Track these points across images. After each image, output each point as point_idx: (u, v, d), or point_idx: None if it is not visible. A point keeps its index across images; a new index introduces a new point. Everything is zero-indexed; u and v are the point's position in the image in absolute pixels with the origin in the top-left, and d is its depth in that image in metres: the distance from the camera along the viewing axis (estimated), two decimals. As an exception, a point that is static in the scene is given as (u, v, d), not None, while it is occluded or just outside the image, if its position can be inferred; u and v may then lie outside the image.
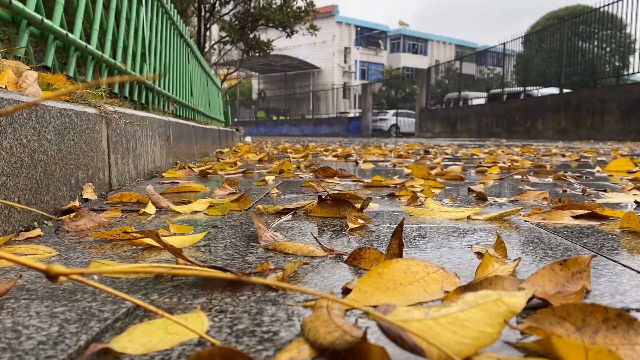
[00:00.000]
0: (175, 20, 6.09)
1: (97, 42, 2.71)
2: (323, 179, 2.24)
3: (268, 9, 16.68)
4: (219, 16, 17.23)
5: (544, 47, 17.34)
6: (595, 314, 0.48)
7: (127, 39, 3.68)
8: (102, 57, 2.72)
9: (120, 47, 3.30)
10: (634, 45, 13.18)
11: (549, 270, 0.67)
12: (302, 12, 17.09)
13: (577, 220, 1.22)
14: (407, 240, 0.99)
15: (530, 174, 2.57)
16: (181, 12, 15.86)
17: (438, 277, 0.69)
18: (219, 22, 17.05)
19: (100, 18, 2.80)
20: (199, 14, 16.02)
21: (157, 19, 4.96)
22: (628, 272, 0.75)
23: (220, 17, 17.27)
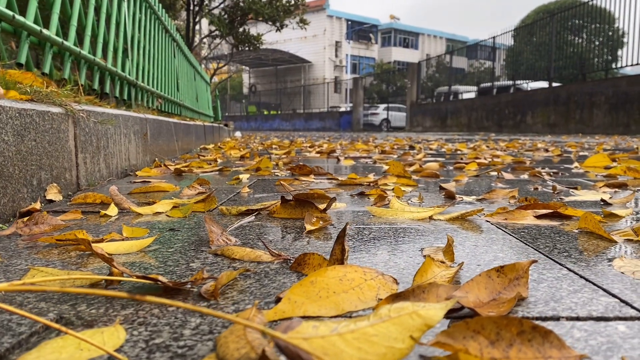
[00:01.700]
0: (160, 14, 6.04)
1: (74, 38, 2.68)
2: (299, 177, 2.22)
3: (257, 3, 16.58)
4: (207, 10, 17.12)
5: (534, 40, 17.38)
6: (510, 327, 0.47)
7: (107, 34, 3.64)
8: (79, 54, 2.68)
9: (100, 42, 3.26)
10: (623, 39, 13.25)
11: (485, 277, 0.66)
12: (291, 6, 17.02)
13: (539, 220, 1.21)
14: (361, 243, 0.98)
15: (507, 170, 2.56)
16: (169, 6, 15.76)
17: (375, 284, 0.68)
18: (207, 16, 16.94)
19: (78, 13, 2.76)
20: (187, 8, 15.90)
21: (140, 14, 4.91)
22: (571, 277, 0.74)
23: (209, 11, 17.16)
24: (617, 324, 0.56)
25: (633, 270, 0.76)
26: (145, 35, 5.05)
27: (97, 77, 3.10)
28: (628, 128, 11.34)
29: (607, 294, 0.66)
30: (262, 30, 18.37)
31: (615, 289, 0.68)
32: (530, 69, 16.92)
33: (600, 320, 0.57)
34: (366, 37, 41.03)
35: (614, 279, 0.73)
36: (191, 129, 4.94)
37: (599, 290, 0.68)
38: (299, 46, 36.31)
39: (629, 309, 0.60)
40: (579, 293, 0.67)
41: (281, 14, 16.87)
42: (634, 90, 11.24)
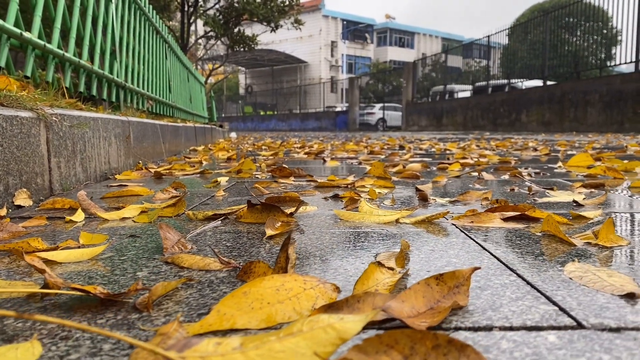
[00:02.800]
0: (150, 16, 6.02)
1: (58, 40, 2.66)
2: (278, 179, 2.21)
3: (252, 3, 16.55)
4: (202, 11, 17.10)
5: (529, 39, 17.38)
6: (425, 341, 0.46)
7: (94, 36, 3.63)
8: (63, 56, 2.67)
9: (86, 45, 3.25)
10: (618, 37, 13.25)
11: (423, 285, 0.64)
12: (286, 7, 17.01)
13: (506, 222, 1.20)
14: (318, 249, 0.96)
15: (490, 170, 2.55)
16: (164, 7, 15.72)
17: (314, 293, 0.67)
18: (202, 17, 16.92)
19: (62, 15, 2.74)
20: (182, 9, 15.88)
21: (129, 15, 4.90)
22: (517, 284, 0.73)
23: (204, 11, 17.14)
24: (548, 333, 0.55)
25: (581, 276, 0.75)
26: (134, 37, 5.04)
27: (83, 79, 3.08)
28: (622, 126, 11.35)
29: (549, 301, 0.65)
30: (257, 30, 18.36)
31: (558, 296, 0.67)
32: (525, 68, 16.93)
33: (532, 330, 0.56)
34: (362, 36, 41.02)
35: (560, 285, 0.72)
36: (180, 130, 4.92)
37: (541, 298, 0.67)
38: (294, 46, 36.28)
39: (565, 318, 0.59)
40: (520, 301, 0.66)
41: (276, 15, 16.86)
42: (627, 88, 11.25)
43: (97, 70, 3.34)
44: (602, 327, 0.56)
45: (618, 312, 0.61)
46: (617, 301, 0.65)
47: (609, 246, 0.94)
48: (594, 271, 0.77)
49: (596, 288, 0.70)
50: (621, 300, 0.65)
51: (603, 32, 16.28)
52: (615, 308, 0.62)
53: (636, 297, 0.66)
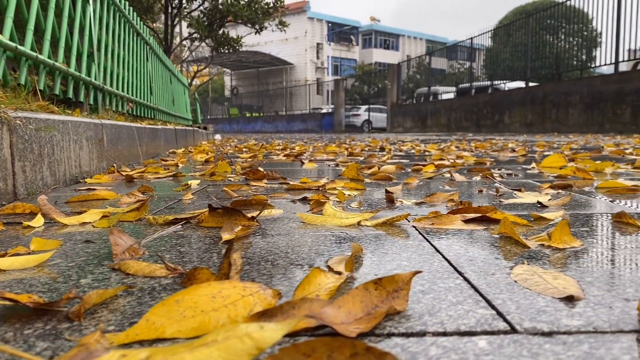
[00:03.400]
0: (131, 17, 5.97)
1: (32, 42, 2.62)
2: (251, 182, 2.19)
3: (236, 5, 16.49)
4: (186, 13, 17.00)
5: (512, 41, 17.55)
6: (343, 349, 0.45)
7: (70, 38, 3.58)
8: (37, 58, 2.62)
9: (61, 47, 3.21)
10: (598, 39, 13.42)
11: (362, 290, 0.64)
12: (270, 8, 16.98)
13: (467, 224, 1.20)
14: (272, 253, 0.95)
15: (464, 172, 2.56)
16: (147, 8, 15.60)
17: (253, 300, 0.66)
18: (185, 19, 16.83)
19: (35, 17, 2.70)
20: (165, 11, 15.78)
21: (108, 17, 4.85)
22: (461, 288, 0.72)
23: (188, 13, 17.05)
24: (480, 339, 0.54)
25: (527, 279, 0.75)
26: (114, 38, 4.99)
27: (58, 82, 3.04)
28: (602, 127, 11.49)
29: (488, 305, 0.65)
30: (242, 32, 18.31)
31: (498, 300, 0.66)
32: (508, 70, 17.08)
33: (465, 336, 0.55)
34: (347, 38, 41.12)
35: (504, 288, 0.71)
36: (159, 133, 4.88)
37: (481, 302, 0.66)
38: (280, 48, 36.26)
39: (500, 322, 0.59)
40: (459, 305, 0.65)
41: (260, 16, 16.81)
42: (607, 89, 11.40)
43: (73, 72, 3.29)
44: (535, 331, 0.56)
45: (554, 315, 0.60)
46: (556, 304, 0.64)
47: (561, 248, 0.94)
48: (540, 274, 0.77)
49: (538, 291, 0.69)
50: (560, 303, 0.65)
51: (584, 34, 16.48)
52: (552, 311, 0.62)
53: (575, 300, 0.65)
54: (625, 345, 0.52)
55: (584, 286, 0.72)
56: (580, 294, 0.67)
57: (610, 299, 0.66)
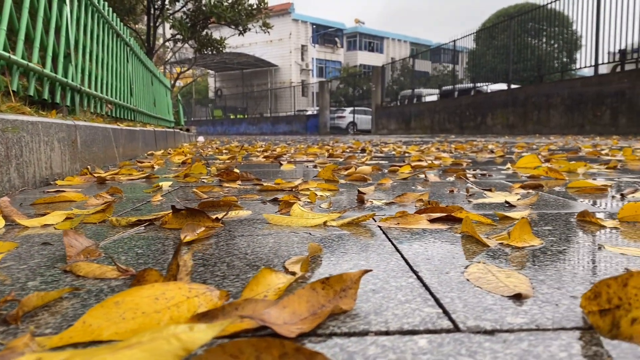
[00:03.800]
0: (110, 18, 5.91)
1: (4, 42, 2.57)
2: (224, 183, 2.18)
3: (219, 7, 16.42)
4: (169, 14, 16.89)
5: (495, 44, 17.71)
6: (271, 349, 0.44)
7: (46, 38, 3.53)
8: (10, 59, 2.58)
9: (36, 47, 3.16)
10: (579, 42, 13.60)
11: (309, 289, 0.63)
12: (254, 10, 16.92)
13: (432, 224, 1.20)
14: (230, 254, 0.94)
15: (439, 172, 2.57)
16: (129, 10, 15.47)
17: (198, 301, 0.65)
18: (168, 20, 16.71)
19: (8, 17, 2.65)
20: (148, 12, 15.65)
21: (86, 18, 4.79)
22: (413, 286, 0.72)
23: (171, 14, 16.94)
24: (421, 338, 0.54)
25: (480, 277, 0.74)
26: (92, 39, 4.93)
27: (32, 83, 2.99)
28: (583, 128, 11.64)
29: (436, 303, 0.64)
30: (226, 34, 18.23)
31: (447, 298, 0.66)
32: (491, 72, 17.24)
33: (407, 335, 0.55)
34: (332, 41, 41.21)
35: (455, 287, 0.71)
36: (137, 134, 4.83)
37: (430, 300, 0.65)
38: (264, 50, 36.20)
39: (444, 321, 0.58)
40: (407, 304, 0.64)
41: (244, 18, 16.75)
42: (587, 91, 11.55)
43: (48, 73, 3.25)
44: (478, 330, 0.56)
45: (500, 313, 0.60)
46: (504, 302, 0.64)
47: (520, 246, 0.95)
48: (494, 272, 0.76)
49: (489, 289, 0.69)
50: (509, 301, 0.65)
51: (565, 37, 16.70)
52: (498, 309, 0.61)
53: (522, 298, 0.65)
54: (564, 342, 0.52)
55: (535, 284, 0.72)
56: (529, 292, 0.67)
57: (558, 297, 0.66)
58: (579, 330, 0.55)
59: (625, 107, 10.46)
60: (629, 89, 10.39)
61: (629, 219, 1.19)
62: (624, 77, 10.64)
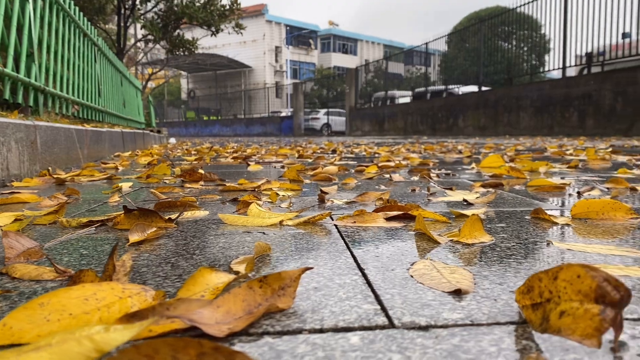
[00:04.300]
0: (77, 17, 5.79)
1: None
2: (186, 184, 2.14)
3: (191, 7, 16.25)
4: (140, 14, 16.65)
5: (467, 46, 17.95)
6: (188, 349, 0.42)
7: (7, 37, 3.44)
8: (-40, 57, 2.49)
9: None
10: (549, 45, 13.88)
11: (245, 288, 0.61)
12: (226, 11, 16.81)
13: (388, 222, 1.19)
14: (177, 255, 0.92)
15: (405, 172, 2.58)
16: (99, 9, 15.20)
17: (131, 301, 0.62)
18: (139, 20, 16.48)
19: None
20: (118, 12, 15.41)
21: (51, 16, 4.68)
22: (356, 284, 0.71)
23: (142, 14, 16.70)
24: (354, 334, 0.53)
25: (424, 274, 0.74)
26: (57, 39, 4.82)
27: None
28: (551, 129, 11.87)
29: (376, 300, 0.63)
30: (198, 34, 18.07)
31: (387, 295, 0.65)
32: (463, 74, 17.47)
33: (340, 332, 0.54)
34: (306, 42, 41.23)
35: (398, 283, 0.70)
36: (104, 136, 4.74)
37: (370, 297, 0.65)
38: (238, 51, 35.99)
39: (380, 317, 0.57)
40: (347, 301, 0.63)
41: (216, 19, 16.62)
42: (556, 93, 11.79)
43: (10, 72, 3.16)
44: (412, 325, 0.55)
45: (437, 309, 0.59)
46: (444, 298, 0.64)
47: (470, 243, 0.95)
48: (439, 268, 0.76)
49: (431, 285, 0.69)
50: (449, 297, 0.64)
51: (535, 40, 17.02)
52: (436, 305, 0.61)
53: (462, 294, 0.65)
54: (496, 337, 0.51)
55: (478, 280, 0.72)
56: (469, 288, 0.67)
57: (498, 292, 0.66)
58: (513, 324, 0.55)
59: (592, 109, 10.71)
60: (595, 91, 10.64)
61: (581, 216, 1.21)
62: (590, 80, 10.90)
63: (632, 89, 9.84)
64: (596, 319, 0.48)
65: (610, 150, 4.11)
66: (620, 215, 1.18)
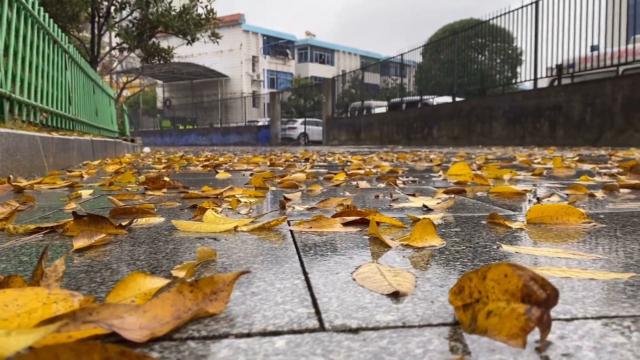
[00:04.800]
0: (46, 24, 5.70)
1: None
2: (147, 191, 2.10)
3: (167, 16, 16.13)
4: (114, 22, 16.48)
5: (441, 58, 18.19)
6: (92, 353, 0.40)
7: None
8: None
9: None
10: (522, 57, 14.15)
11: (175, 293, 0.59)
12: (202, 20, 16.74)
13: (345, 227, 1.18)
14: (119, 261, 0.89)
15: (373, 179, 2.58)
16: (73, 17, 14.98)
17: (56, 307, 0.60)
18: (113, 28, 16.30)
19: None
20: (92, 20, 15.22)
21: (18, 22, 4.60)
22: (296, 288, 0.69)
23: (116, 23, 16.53)
24: (281, 338, 0.51)
25: (367, 277, 0.73)
26: (26, 45, 4.73)
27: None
28: (524, 140, 12.07)
29: (312, 304, 0.62)
30: (174, 43, 17.93)
31: (325, 298, 0.64)
32: (437, 85, 17.68)
33: (268, 336, 0.52)
34: (283, 52, 41.34)
35: (339, 287, 0.69)
36: (71, 144, 4.64)
37: (307, 301, 0.63)
38: (214, 60, 35.85)
39: (312, 321, 0.56)
40: (283, 305, 0.62)
41: (192, 27, 16.54)
42: (528, 104, 12.01)
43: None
44: (343, 328, 0.53)
45: (371, 311, 0.58)
46: (381, 301, 0.62)
47: (420, 247, 0.94)
48: (384, 271, 0.75)
49: (372, 288, 0.68)
50: (387, 299, 0.63)
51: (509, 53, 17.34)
52: (372, 308, 0.60)
53: (400, 296, 0.64)
54: (425, 339, 0.50)
55: (420, 282, 0.71)
56: (408, 290, 0.66)
57: (437, 294, 0.65)
58: (445, 326, 0.54)
59: (562, 119, 10.94)
60: (565, 102, 10.88)
61: (535, 221, 1.21)
62: (560, 91, 11.14)
63: (600, 100, 10.09)
64: (522, 319, 0.47)
65: (577, 159, 4.19)
66: (573, 220, 1.18)
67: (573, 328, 0.53)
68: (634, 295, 0.63)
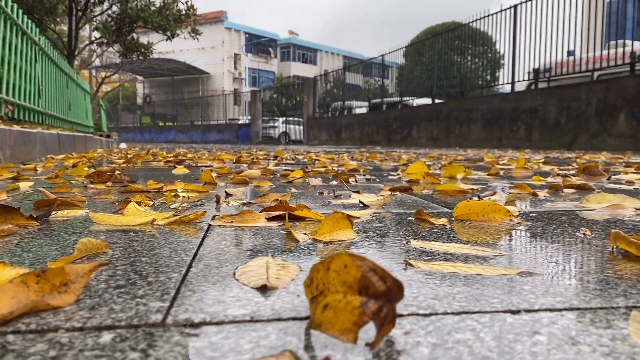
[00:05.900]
0: (14, 15, 5.57)
1: None
2: (93, 184, 2.05)
3: (146, 11, 15.94)
4: (93, 16, 16.24)
5: (423, 60, 18.28)
6: None
7: None
8: None
9: None
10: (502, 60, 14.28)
11: (18, 283, 0.55)
12: (182, 15, 16.57)
13: (269, 222, 1.15)
14: (11, 253, 0.84)
15: (330, 177, 2.56)
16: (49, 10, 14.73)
17: None
18: (92, 22, 16.07)
19: None
20: (69, 13, 14.97)
21: (-19, 13, 4.48)
22: (163, 281, 0.66)
23: (95, 17, 16.29)
24: (111, 333, 0.47)
25: (251, 270, 0.69)
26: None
27: None
28: (500, 142, 12.18)
29: (173, 298, 0.58)
30: (155, 39, 17.73)
31: (188, 292, 0.60)
32: (419, 87, 17.76)
33: (98, 330, 0.48)
34: (265, 50, 41.18)
35: (216, 280, 0.66)
36: (33, 137, 4.54)
37: (168, 295, 0.59)
38: (196, 57, 35.57)
39: (158, 315, 0.52)
40: (139, 298, 0.58)
41: (172, 23, 16.35)
42: (505, 107, 12.11)
43: None
44: (184, 323, 0.50)
45: (227, 306, 0.55)
46: (247, 295, 0.59)
47: (328, 241, 0.91)
48: (272, 265, 0.72)
49: (246, 282, 0.64)
50: (254, 293, 0.60)
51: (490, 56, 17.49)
52: (231, 302, 0.56)
53: (267, 289, 0.61)
54: (264, 334, 0.47)
55: (303, 275, 0.67)
56: (280, 284, 0.63)
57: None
58: (295, 320, 0.51)
59: (538, 123, 11.05)
60: (541, 105, 10.99)
61: (462, 217, 1.19)
62: (536, 95, 11.25)
63: (575, 104, 10.22)
64: (356, 312, 0.44)
65: (542, 161, 4.21)
66: (498, 217, 1.17)
67: (426, 324, 0.50)
68: (509, 291, 0.61)
